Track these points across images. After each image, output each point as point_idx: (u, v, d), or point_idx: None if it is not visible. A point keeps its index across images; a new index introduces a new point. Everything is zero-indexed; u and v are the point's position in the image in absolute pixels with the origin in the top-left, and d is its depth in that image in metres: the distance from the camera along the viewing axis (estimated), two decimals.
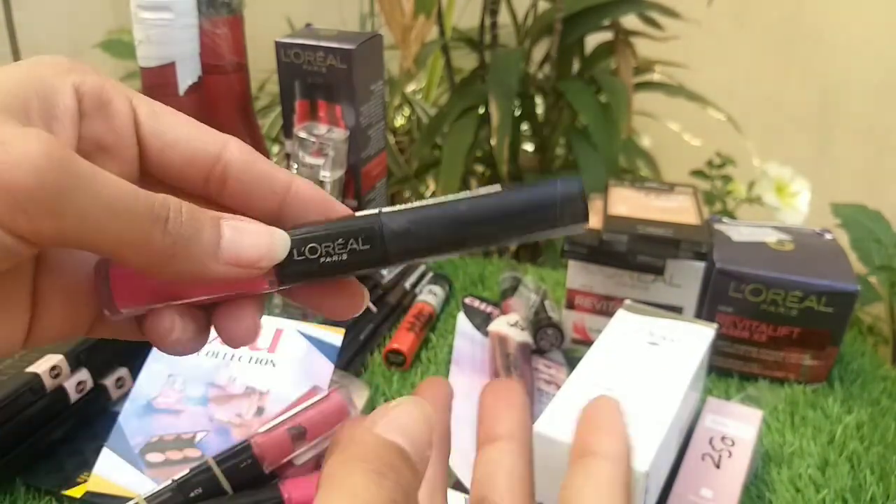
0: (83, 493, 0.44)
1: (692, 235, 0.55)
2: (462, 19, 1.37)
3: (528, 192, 0.23)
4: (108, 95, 0.22)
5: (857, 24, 1.44)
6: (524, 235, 0.23)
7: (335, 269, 0.22)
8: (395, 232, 0.22)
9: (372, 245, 0.22)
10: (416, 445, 0.20)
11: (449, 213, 0.22)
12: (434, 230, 0.22)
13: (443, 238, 0.22)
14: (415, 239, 0.22)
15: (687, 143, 1.48)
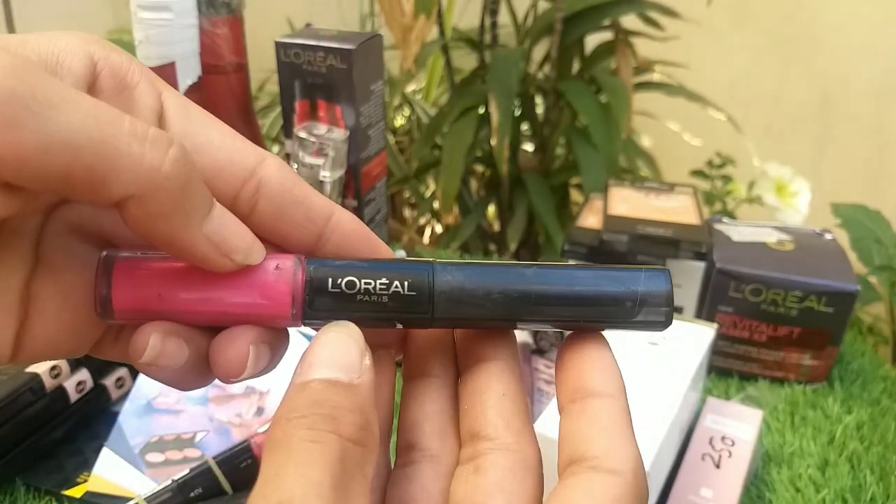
0: (83, 493, 0.44)
1: (692, 235, 0.55)
2: (462, 19, 1.37)
3: (608, 278, 0.20)
4: (133, 80, 0.19)
5: (857, 24, 1.44)
6: (590, 325, 0.21)
7: (373, 311, 0.20)
8: (448, 283, 0.20)
9: (419, 293, 0.20)
10: (342, 366, 0.19)
11: (511, 279, 0.20)
12: (491, 293, 0.20)
13: (499, 304, 0.20)
14: (468, 296, 0.20)
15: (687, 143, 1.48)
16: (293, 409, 0.18)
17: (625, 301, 0.20)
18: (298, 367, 0.19)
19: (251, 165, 0.20)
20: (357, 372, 0.19)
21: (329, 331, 0.20)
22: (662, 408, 0.41)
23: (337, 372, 0.19)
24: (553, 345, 0.59)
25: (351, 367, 0.19)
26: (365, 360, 0.19)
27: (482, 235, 1.28)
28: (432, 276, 0.20)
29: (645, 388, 0.42)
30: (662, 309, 0.20)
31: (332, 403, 0.18)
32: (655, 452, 0.38)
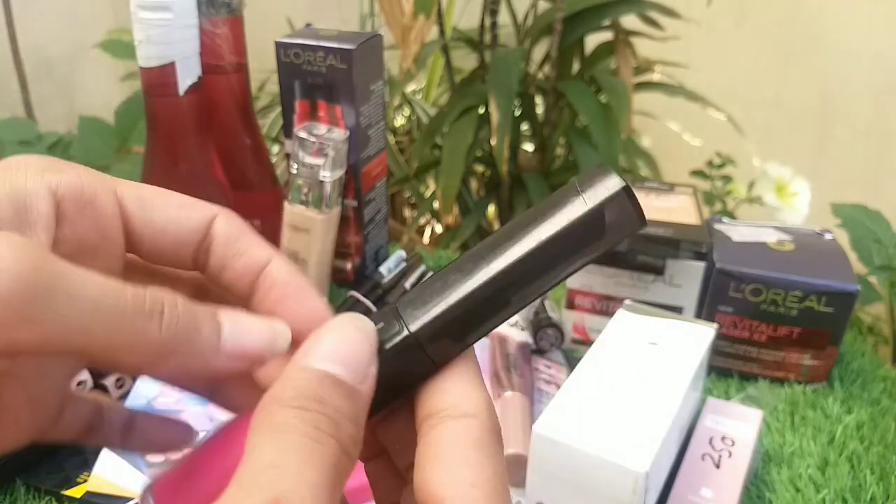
0: (83, 493, 0.44)
1: (692, 235, 0.55)
2: (462, 19, 1.37)
3: (558, 215, 0.19)
4: (91, 193, 0.21)
5: (857, 24, 1.44)
6: (574, 265, 0.20)
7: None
8: (420, 319, 0.20)
9: (400, 341, 0.20)
10: (350, 367, 0.19)
11: (480, 289, 0.19)
12: (470, 313, 0.20)
13: (484, 313, 0.20)
14: (451, 331, 0.20)
15: (687, 143, 1.48)
16: (295, 395, 0.17)
17: (587, 222, 0.19)
18: (305, 345, 0.19)
19: (204, 227, 0.22)
20: (362, 377, 0.19)
21: (345, 323, 0.20)
22: (662, 408, 0.41)
23: (344, 371, 0.18)
24: (553, 345, 0.59)
25: (358, 370, 0.19)
26: (371, 368, 0.19)
27: (482, 235, 1.28)
28: (403, 323, 0.20)
29: (645, 388, 0.42)
30: (626, 205, 0.19)
31: (335, 406, 0.18)
32: (655, 452, 0.38)
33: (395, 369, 0.20)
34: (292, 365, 0.18)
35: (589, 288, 0.59)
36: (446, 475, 0.18)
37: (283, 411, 0.17)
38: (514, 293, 0.20)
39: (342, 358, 0.19)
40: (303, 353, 0.19)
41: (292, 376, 0.18)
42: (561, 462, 0.39)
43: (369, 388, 0.19)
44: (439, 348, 0.20)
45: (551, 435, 0.39)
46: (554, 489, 0.40)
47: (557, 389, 0.53)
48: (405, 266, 0.69)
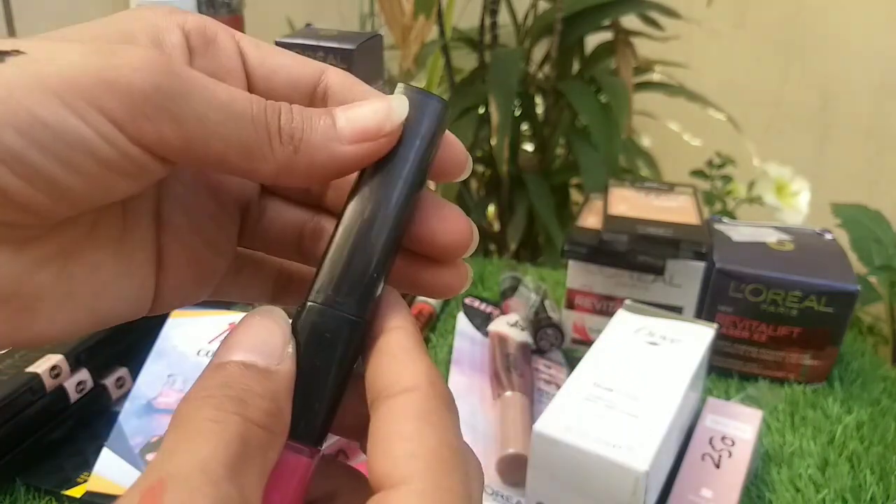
0: (83, 493, 0.44)
1: (692, 235, 0.55)
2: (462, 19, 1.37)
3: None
4: (213, 32, 0.22)
5: (857, 24, 1.44)
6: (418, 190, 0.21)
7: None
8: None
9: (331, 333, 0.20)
10: (260, 351, 0.19)
11: (345, 229, 0.20)
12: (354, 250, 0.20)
13: (365, 245, 0.20)
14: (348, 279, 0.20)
15: (687, 143, 1.48)
16: (203, 388, 0.18)
17: (405, 146, 0.21)
18: (219, 348, 0.19)
19: (317, 74, 0.23)
20: (277, 358, 0.19)
21: (254, 314, 0.20)
22: (662, 408, 0.41)
23: (255, 356, 0.19)
24: (553, 345, 0.59)
25: (271, 352, 0.19)
26: (288, 348, 0.20)
27: (482, 235, 1.28)
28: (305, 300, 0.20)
29: (645, 388, 0.42)
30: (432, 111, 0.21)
31: (242, 386, 0.18)
32: (655, 452, 0.38)
33: (322, 343, 0.20)
34: (206, 367, 0.19)
35: (589, 288, 0.59)
36: (384, 453, 0.18)
37: (189, 404, 0.18)
38: (377, 214, 0.20)
39: (251, 345, 0.19)
40: (215, 355, 0.19)
41: (205, 375, 0.19)
42: (561, 462, 0.39)
43: (288, 367, 0.19)
44: (349, 302, 0.20)
45: (551, 435, 0.39)
46: (554, 489, 0.40)
47: (557, 389, 0.53)
48: None
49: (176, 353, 0.52)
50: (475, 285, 0.71)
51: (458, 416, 0.20)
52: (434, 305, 0.64)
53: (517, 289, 0.65)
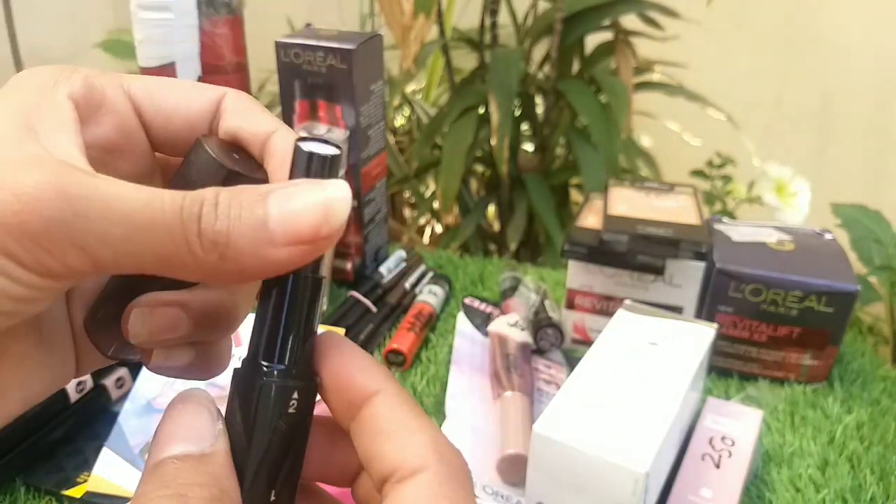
0: (83, 493, 0.44)
1: (692, 235, 0.55)
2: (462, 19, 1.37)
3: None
4: (100, 93, 0.21)
5: (857, 24, 1.44)
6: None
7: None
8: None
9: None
10: (187, 438, 0.19)
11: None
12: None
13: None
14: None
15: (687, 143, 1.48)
16: (144, 495, 0.18)
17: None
18: (151, 446, 0.19)
19: (213, 107, 0.22)
20: (209, 440, 0.19)
21: (176, 403, 0.20)
22: (662, 408, 0.41)
23: (187, 444, 0.19)
24: (553, 345, 0.59)
25: (201, 436, 0.19)
26: (217, 425, 0.19)
27: (482, 235, 1.28)
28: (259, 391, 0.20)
29: (645, 388, 0.42)
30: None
31: (180, 481, 0.18)
32: (655, 452, 0.38)
33: (251, 405, 0.20)
34: (144, 470, 0.19)
35: (589, 288, 0.59)
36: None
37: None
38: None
39: (180, 435, 0.19)
40: (149, 455, 0.19)
41: (144, 478, 0.18)
42: (561, 462, 0.39)
43: (222, 445, 0.19)
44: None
45: (551, 435, 0.39)
46: (554, 489, 0.40)
47: (557, 389, 0.53)
48: (405, 266, 0.69)
49: None
50: (475, 285, 0.71)
51: (472, 481, 0.20)
52: (434, 305, 0.64)
53: (517, 289, 0.65)
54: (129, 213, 0.17)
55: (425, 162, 1.27)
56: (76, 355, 0.22)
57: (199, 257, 0.17)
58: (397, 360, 0.58)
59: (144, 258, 0.17)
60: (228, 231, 0.17)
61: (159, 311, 0.21)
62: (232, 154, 0.21)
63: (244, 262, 0.18)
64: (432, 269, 0.71)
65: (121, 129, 0.21)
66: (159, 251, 0.17)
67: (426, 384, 0.56)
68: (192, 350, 0.22)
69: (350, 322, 0.60)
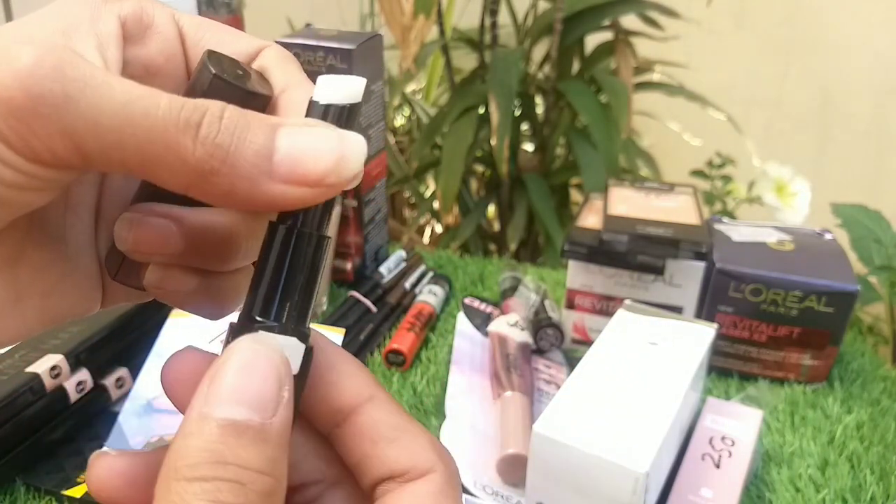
0: (83, 493, 0.44)
1: (692, 235, 0.55)
2: (462, 19, 1.37)
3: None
4: (150, 17, 0.21)
5: (857, 24, 1.44)
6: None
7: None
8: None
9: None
10: (255, 403, 0.16)
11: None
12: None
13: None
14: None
15: (687, 143, 1.48)
16: (194, 462, 0.16)
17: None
18: (202, 386, 0.17)
19: (254, 51, 0.22)
20: (271, 409, 0.17)
21: (243, 349, 0.17)
22: (662, 408, 0.41)
23: (248, 410, 0.16)
24: (553, 345, 0.59)
25: (264, 401, 0.17)
26: (284, 391, 0.17)
27: (482, 235, 1.28)
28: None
29: (645, 388, 0.42)
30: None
31: (240, 461, 0.16)
32: (655, 452, 0.38)
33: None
34: (190, 414, 0.16)
35: (589, 288, 0.59)
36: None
37: (181, 488, 0.15)
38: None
39: (245, 395, 0.16)
40: (202, 398, 0.16)
41: (191, 431, 0.16)
42: (561, 462, 0.39)
43: (283, 417, 0.17)
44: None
45: (551, 435, 0.39)
46: (554, 489, 0.40)
47: (557, 389, 0.53)
48: (405, 266, 0.69)
49: None
50: (475, 285, 0.71)
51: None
52: (434, 305, 0.64)
53: (517, 289, 0.65)
54: (122, 102, 0.16)
55: (425, 162, 1.27)
56: (103, 283, 0.22)
57: (188, 164, 0.16)
58: (397, 360, 0.58)
59: (129, 152, 0.16)
60: (229, 147, 0.16)
61: (148, 219, 0.20)
62: (237, 71, 0.21)
63: (236, 184, 0.17)
64: (432, 269, 0.71)
65: (164, 52, 0.21)
66: (147, 148, 0.16)
67: (426, 384, 0.56)
68: (195, 277, 0.21)
69: (350, 322, 0.60)
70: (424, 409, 0.53)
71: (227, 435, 0.16)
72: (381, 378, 0.57)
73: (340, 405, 0.20)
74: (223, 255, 0.21)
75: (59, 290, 0.20)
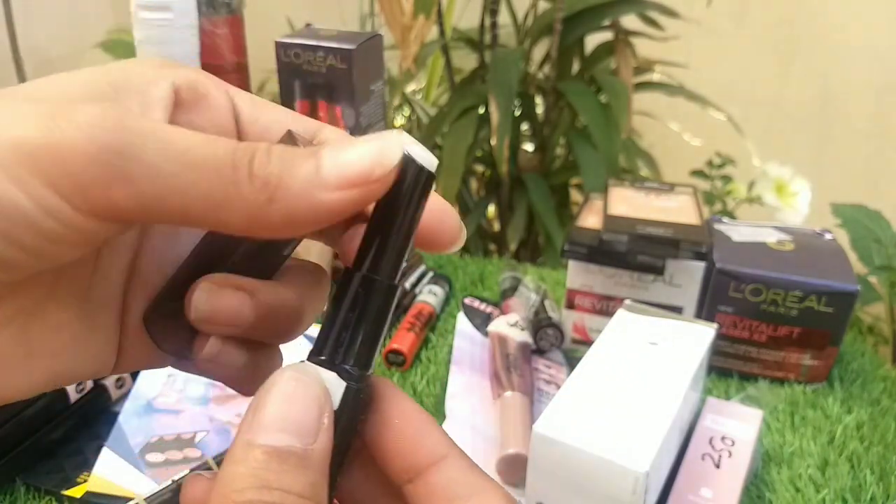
0: (83, 493, 0.44)
1: (692, 235, 0.55)
2: (462, 19, 1.37)
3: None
4: (205, 88, 0.21)
5: (857, 24, 1.44)
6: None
7: None
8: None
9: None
10: (297, 430, 0.17)
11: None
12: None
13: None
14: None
15: (687, 143, 1.48)
16: (242, 487, 0.17)
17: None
18: (247, 415, 0.18)
19: (312, 132, 0.22)
20: (312, 435, 0.17)
21: (284, 378, 0.18)
22: (662, 408, 0.41)
23: (291, 438, 0.17)
24: (553, 345, 0.59)
25: (306, 428, 0.17)
26: (324, 418, 0.18)
27: (482, 235, 1.28)
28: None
29: (645, 388, 0.42)
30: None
31: (283, 487, 0.17)
32: (655, 452, 0.38)
33: (350, 412, 0.19)
34: (238, 441, 0.17)
35: (589, 288, 0.59)
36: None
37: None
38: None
39: (287, 423, 0.17)
40: (247, 426, 0.17)
41: (238, 458, 0.17)
42: (561, 462, 0.39)
43: (324, 445, 0.18)
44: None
45: (551, 435, 0.39)
46: (554, 489, 0.40)
47: (557, 389, 0.53)
48: (405, 266, 0.69)
49: None
50: (475, 285, 0.71)
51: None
52: (434, 305, 0.64)
53: (517, 289, 0.65)
54: (182, 149, 0.17)
55: None
56: (120, 347, 0.21)
57: (247, 198, 0.17)
58: (397, 360, 0.58)
59: (190, 197, 0.17)
60: (280, 173, 0.17)
61: (227, 291, 0.20)
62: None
63: (293, 204, 0.17)
64: (432, 269, 0.71)
65: (215, 123, 0.21)
66: (206, 190, 0.17)
67: (426, 384, 0.56)
68: (246, 354, 0.21)
69: None
70: (424, 409, 0.53)
71: (271, 461, 0.17)
72: None
73: (415, 461, 0.20)
74: (285, 330, 0.22)
75: (72, 351, 0.20)
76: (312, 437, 0.17)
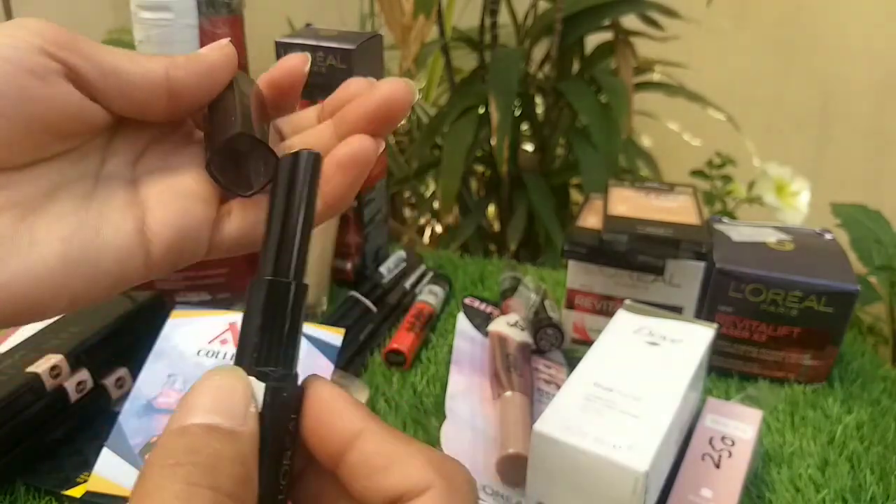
0: (83, 493, 0.44)
1: (692, 235, 0.55)
2: (462, 19, 1.37)
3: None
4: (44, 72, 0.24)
5: (857, 24, 1.44)
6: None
7: None
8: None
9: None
10: (225, 412, 0.18)
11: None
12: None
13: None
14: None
15: (687, 143, 1.48)
16: (169, 454, 0.17)
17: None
18: (176, 410, 0.18)
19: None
20: (241, 419, 0.18)
21: (213, 374, 0.19)
22: (662, 408, 0.41)
23: (218, 417, 0.18)
24: (553, 345, 0.59)
25: (234, 413, 0.18)
26: (250, 408, 0.19)
27: (482, 235, 1.28)
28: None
29: (645, 388, 0.42)
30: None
31: (211, 450, 0.17)
32: (655, 452, 0.38)
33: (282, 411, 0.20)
34: (167, 428, 0.18)
35: (589, 288, 0.59)
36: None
37: (155, 473, 0.17)
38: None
39: (213, 406, 0.18)
40: (173, 419, 0.18)
41: (166, 441, 0.18)
42: (561, 462, 0.39)
43: (252, 429, 0.18)
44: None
45: (551, 435, 0.39)
46: (554, 489, 0.40)
47: (557, 389, 0.53)
48: (405, 266, 0.69)
49: (176, 352, 0.52)
50: (475, 285, 0.71)
51: (477, 493, 0.20)
52: (434, 305, 0.64)
53: (517, 289, 0.65)
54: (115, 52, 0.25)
55: (425, 162, 1.27)
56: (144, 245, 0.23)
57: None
58: (397, 360, 0.58)
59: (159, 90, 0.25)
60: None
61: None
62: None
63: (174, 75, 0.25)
64: (432, 269, 0.71)
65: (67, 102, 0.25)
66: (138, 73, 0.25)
67: (426, 384, 0.56)
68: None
69: (350, 322, 0.60)
70: (424, 409, 0.53)
71: (198, 434, 0.17)
72: (381, 378, 0.57)
73: (333, 446, 0.20)
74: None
75: (79, 237, 0.22)
76: (241, 420, 0.18)
